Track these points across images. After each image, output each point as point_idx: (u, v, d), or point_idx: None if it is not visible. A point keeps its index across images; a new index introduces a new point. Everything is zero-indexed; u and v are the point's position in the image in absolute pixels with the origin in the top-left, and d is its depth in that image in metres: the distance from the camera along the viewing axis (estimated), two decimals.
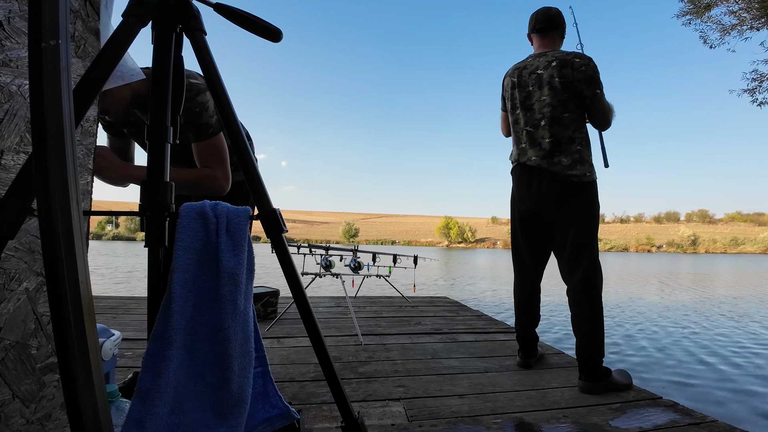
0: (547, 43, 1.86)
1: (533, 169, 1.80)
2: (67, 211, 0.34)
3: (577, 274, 1.71)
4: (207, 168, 1.19)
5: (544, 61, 1.79)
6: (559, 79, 1.72)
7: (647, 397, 1.57)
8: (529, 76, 1.82)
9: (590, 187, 1.74)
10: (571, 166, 1.72)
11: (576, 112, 1.74)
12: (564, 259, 1.77)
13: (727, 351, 4.36)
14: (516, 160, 1.89)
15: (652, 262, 37.88)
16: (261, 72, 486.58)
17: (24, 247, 0.65)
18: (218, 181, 1.21)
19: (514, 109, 1.91)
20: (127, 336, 2.27)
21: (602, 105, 1.72)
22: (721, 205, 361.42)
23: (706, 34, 9.82)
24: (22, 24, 0.64)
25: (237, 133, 0.60)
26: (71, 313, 0.33)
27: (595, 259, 1.71)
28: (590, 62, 1.71)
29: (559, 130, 1.74)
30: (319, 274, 2.85)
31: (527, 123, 1.83)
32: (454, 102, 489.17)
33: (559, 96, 1.73)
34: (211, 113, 1.14)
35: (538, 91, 1.79)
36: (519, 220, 1.93)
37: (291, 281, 0.60)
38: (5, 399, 0.62)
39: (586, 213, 1.73)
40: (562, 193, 1.73)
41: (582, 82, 1.70)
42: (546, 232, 1.85)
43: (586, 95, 1.71)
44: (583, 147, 1.76)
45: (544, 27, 1.85)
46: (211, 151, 1.19)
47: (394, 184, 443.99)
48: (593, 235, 1.74)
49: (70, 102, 0.37)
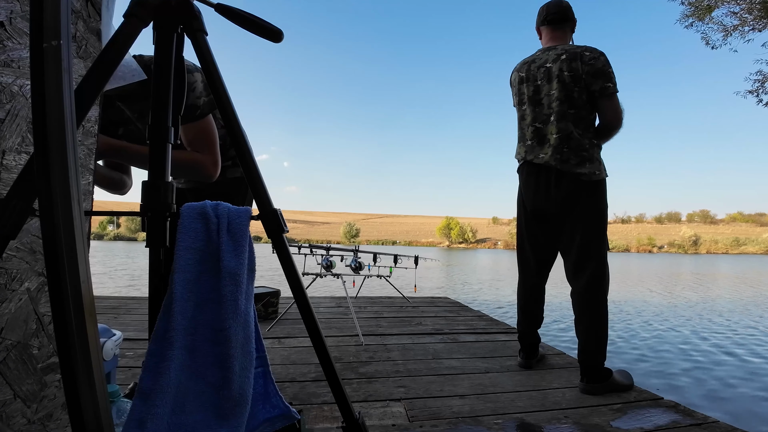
0: (558, 36, 1.79)
1: (541, 168, 1.74)
2: (68, 212, 0.34)
3: (583, 277, 1.66)
4: (195, 152, 1.13)
5: (553, 54, 1.72)
6: (568, 72, 1.66)
7: (648, 398, 1.57)
8: (537, 69, 1.76)
9: (600, 186, 1.68)
10: (580, 164, 1.66)
11: (586, 108, 1.68)
12: (570, 261, 1.72)
13: (729, 351, 4.35)
14: (523, 158, 1.83)
15: (654, 262, 37.80)
16: (266, 73, 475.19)
17: (25, 247, 0.66)
18: (205, 166, 1.14)
19: (521, 104, 1.85)
20: (128, 336, 2.27)
21: (612, 102, 1.64)
22: (722, 206, 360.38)
23: (708, 36, 9.81)
24: (23, 24, 0.64)
25: (238, 133, 0.60)
26: (72, 313, 0.33)
27: (603, 263, 1.66)
28: (601, 56, 1.64)
29: (567, 126, 1.68)
30: (320, 275, 2.85)
31: (535, 119, 1.77)
32: (456, 102, 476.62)
33: (568, 90, 1.67)
34: (198, 94, 1.09)
35: (547, 85, 1.73)
36: (525, 220, 1.88)
37: (292, 281, 0.60)
38: (7, 399, 0.63)
39: (594, 213, 1.67)
40: (571, 192, 1.68)
41: (590, 76, 1.63)
42: (553, 233, 1.80)
43: (594, 89, 1.64)
44: (593, 144, 1.69)
45: (556, 19, 1.78)
46: (198, 134, 1.13)
47: (395, 185, 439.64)
48: (602, 237, 1.68)
49: (72, 102, 0.37)
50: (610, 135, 1.72)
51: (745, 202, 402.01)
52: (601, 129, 1.72)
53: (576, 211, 1.69)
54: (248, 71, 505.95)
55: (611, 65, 1.65)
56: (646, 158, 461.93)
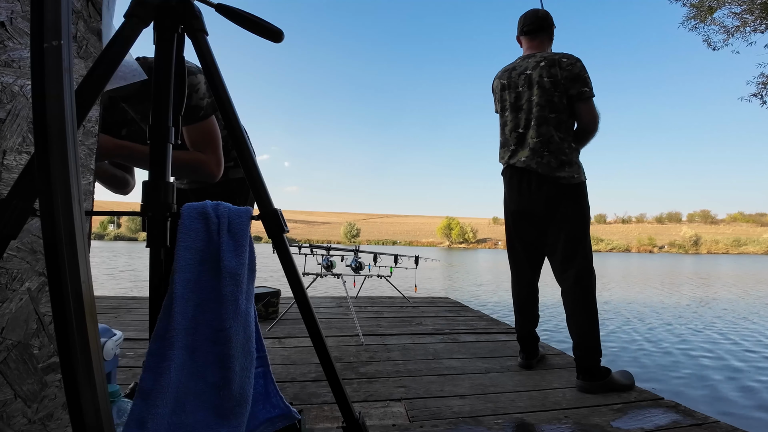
0: (536, 45, 1.87)
1: (522, 171, 1.80)
2: (69, 212, 0.34)
3: (570, 275, 1.71)
4: (197, 152, 1.14)
5: (533, 61, 1.79)
6: (548, 78, 1.73)
7: (649, 398, 1.57)
8: (518, 77, 1.83)
9: (579, 189, 1.74)
10: (559, 167, 1.72)
11: (566, 113, 1.74)
12: (557, 261, 1.77)
13: (730, 351, 4.34)
14: (506, 162, 1.89)
15: (654, 262, 37.78)
16: (267, 73, 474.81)
17: (26, 247, 0.66)
18: (209, 166, 1.15)
19: (503, 111, 1.91)
20: (128, 336, 2.27)
21: (589, 105, 1.72)
22: (723, 206, 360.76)
23: (710, 38, 9.80)
24: (24, 24, 0.64)
25: (239, 133, 0.60)
26: (73, 313, 0.33)
27: (588, 260, 1.71)
28: (578, 62, 1.72)
29: (548, 130, 1.74)
30: (320, 275, 2.85)
31: (517, 125, 1.83)
32: (456, 101, 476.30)
33: (548, 96, 1.73)
34: (201, 95, 1.10)
35: (528, 92, 1.80)
36: (512, 222, 1.93)
37: (292, 281, 0.60)
38: (7, 399, 0.63)
39: (576, 214, 1.73)
40: (551, 195, 1.74)
41: (568, 80, 1.70)
42: (538, 233, 1.85)
43: (572, 93, 1.71)
44: (572, 149, 1.75)
45: (533, 29, 1.87)
46: (201, 134, 1.13)
47: (395, 185, 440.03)
48: (585, 236, 1.74)
49: (72, 102, 0.37)
50: (587, 139, 1.79)
51: (745, 203, 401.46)
52: (578, 132, 1.79)
53: (559, 214, 1.74)
54: (249, 71, 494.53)
55: (587, 71, 1.73)
56: (646, 158, 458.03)
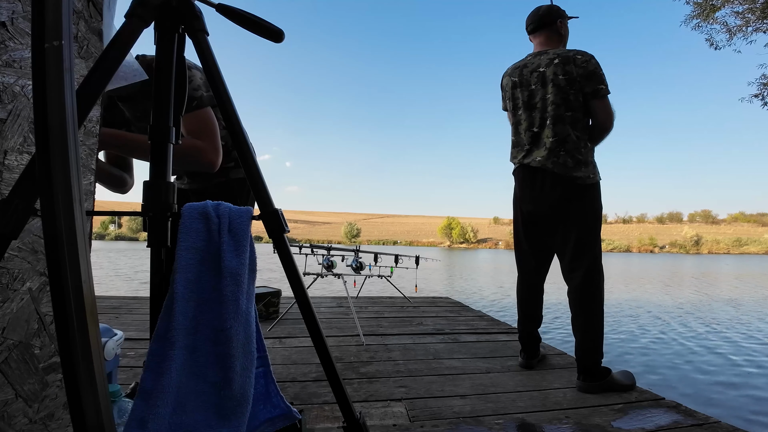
0: (543, 41, 1.84)
1: (536, 170, 1.78)
2: (69, 212, 0.34)
3: (578, 276, 1.70)
4: (194, 139, 1.12)
5: (545, 59, 1.76)
6: (563, 76, 1.69)
7: (650, 398, 1.56)
8: (530, 74, 1.80)
9: (593, 189, 1.72)
10: (575, 167, 1.69)
11: (581, 111, 1.71)
12: (566, 260, 1.76)
13: (731, 352, 4.34)
14: (519, 161, 1.86)
15: (655, 262, 37.73)
16: (267, 73, 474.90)
17: (27, 247, 0.66)
18: (206, 153, 1.12)
19: (515, 109, 1.88)
20: (129, 336, 2.28)
21: (604, 103, 1.69)
22: (724, 206, 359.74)
23: (712, 37, 9.79)
24: (25, 25, 0.64)
25: (240, 133, 0.60)
26: (74, 313, 0.33)
27: (597, 261, 1.70)
28: (592, 58, 1.69)
29: (564, 129, 1.71)
30: (320, 275, 2.85)
31: (531, 124, 1.80)
32: (457, 101, 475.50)
33: (563, 94, 1.70)
34: (195, 87, 1.09)
35: (542, 90, 1.76)
36: (522, 221, 1.91)
37: (293, 281, 0.60)
38: (8, 398, 0.63)
39: (588, 215, 1.71)
40: (565, 195, 1.72)
41: (584, 78, 1.68)
42: (549, 233, 1.84)
43: (587, 91, 1.68)
44: (588, 148, 1.73)
45: (534, 28, 1.85)
46: (197, 122, 1.11)
47: (396, 185, 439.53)
48: (596, 237, 1.72)
49: (73, 102, 0.37)
50: (602, 136, 1.75)
51: (747, 203, 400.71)
52: (594, 130, 1.75)
53: (571, 214, 1.72)
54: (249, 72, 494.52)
55: (602, 67, 1.70)
56: (647, 158, 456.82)
